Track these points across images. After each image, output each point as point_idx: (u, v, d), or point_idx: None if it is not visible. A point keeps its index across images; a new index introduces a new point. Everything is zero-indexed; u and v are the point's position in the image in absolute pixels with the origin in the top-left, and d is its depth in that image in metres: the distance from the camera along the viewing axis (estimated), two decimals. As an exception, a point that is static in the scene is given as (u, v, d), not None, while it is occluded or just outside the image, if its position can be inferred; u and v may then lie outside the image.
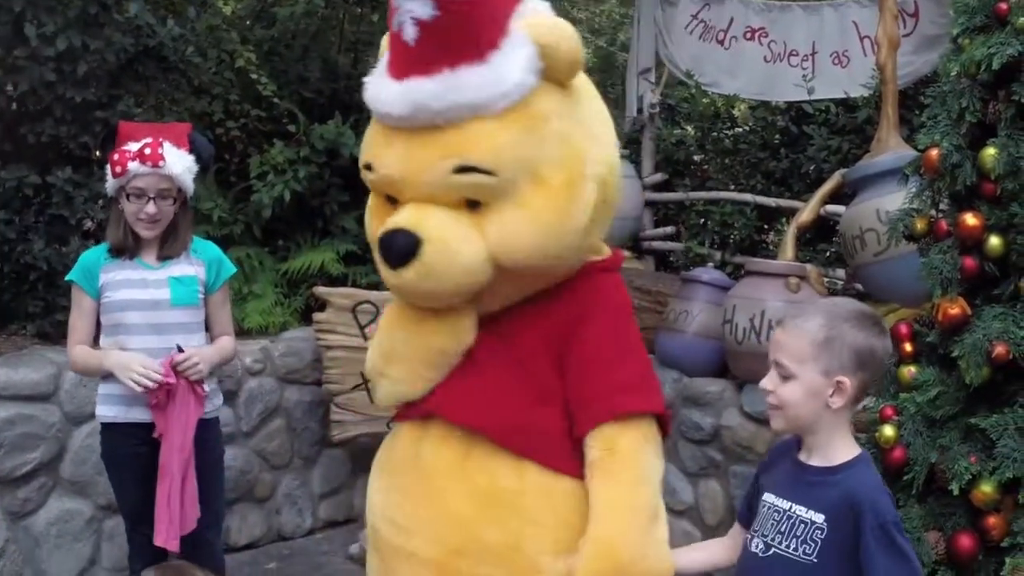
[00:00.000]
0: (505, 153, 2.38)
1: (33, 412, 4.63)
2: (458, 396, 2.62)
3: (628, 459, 2.52)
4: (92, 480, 4.72)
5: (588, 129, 2.56)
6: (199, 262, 3.87)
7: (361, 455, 6.08)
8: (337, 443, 5.88)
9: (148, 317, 3.67)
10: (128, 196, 3.71)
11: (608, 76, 12.43)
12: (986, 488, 3.09)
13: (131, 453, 3.75)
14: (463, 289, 2.50)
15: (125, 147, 3.72)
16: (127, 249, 3.78)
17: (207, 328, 3.91)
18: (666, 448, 2.79)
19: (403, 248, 2.41)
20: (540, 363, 2.60)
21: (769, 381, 2.46)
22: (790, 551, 2.39)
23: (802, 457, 2.49)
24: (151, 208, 3.69)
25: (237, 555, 5.55)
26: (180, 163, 3.75)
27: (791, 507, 2.43)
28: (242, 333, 5.88)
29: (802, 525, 2.38)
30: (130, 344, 3.68)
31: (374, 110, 2.53)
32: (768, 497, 2.51)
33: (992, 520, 3.11)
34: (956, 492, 3.15)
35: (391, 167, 2.50)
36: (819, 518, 2.36)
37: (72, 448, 4.78)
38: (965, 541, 3.18)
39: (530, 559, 2.55)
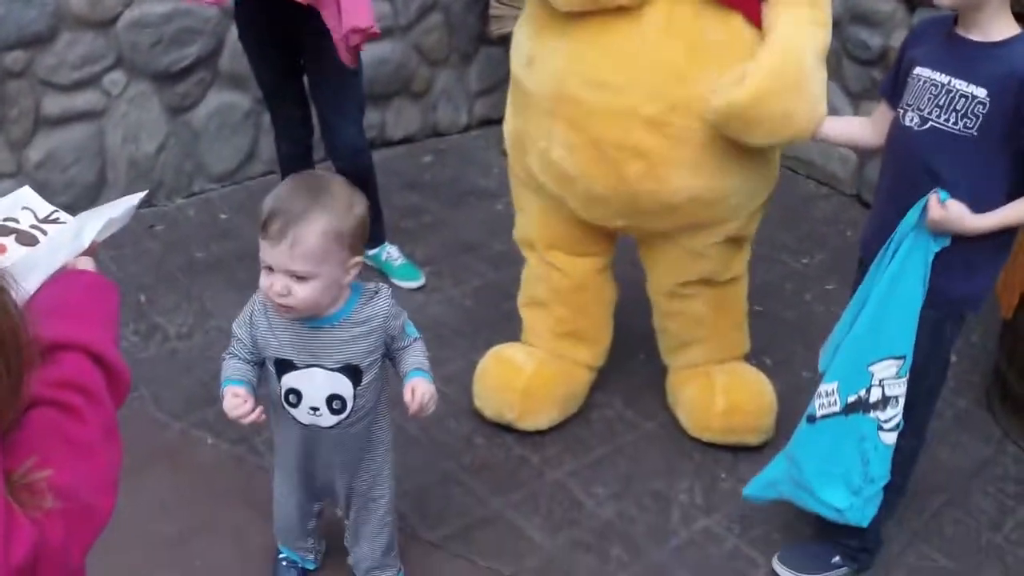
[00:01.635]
0: None
1: (189, 7, 4.60)
2: None
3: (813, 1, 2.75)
4: (250, 74, 4.77)
5: None
6: None
7: (518, 53, 6.01)
8: (496, 39, 5.79)
9: None
10: None
11: None
12: None
13: (261, 22, 3.79)
14: None
15: None
16: None
17: None
18: (830, 66, 2.81)
19: None
20: None
21: None
22: (949, 124, 2.39)
23: (959, 32, 2.44)
24: None
25: (394, 149, 5.66)
26: None
27: (950, 81, 2.39)
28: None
29: (962, 99, 2.36)
30: None
31: None
32: (923, 71, 2.48)
33: None
34: None
35: None
36: (981, 92, 2.34)
37: (229, 42, 4.78)
38: None
39: None
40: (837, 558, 2.92)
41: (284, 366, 2.31)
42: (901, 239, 2.44)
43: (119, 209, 1.55)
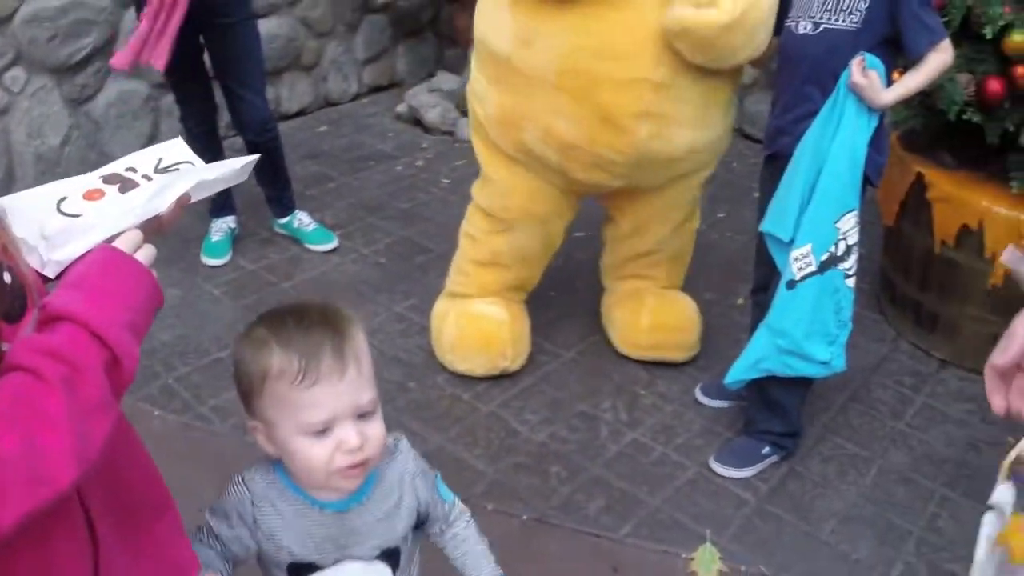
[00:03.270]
0: None
1: (83, -1, 4.67)
2: None
3: None
4: (146, 59, 4.85)
5: None
6: None
7: (402, 20, 6.21)
8: (380, 7, 5.94)
9: None
10: None
11: None
12: (1017, 38, 3.19)
13: None
14: None
15: None
16: None
17: None
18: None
19: None
20: None
21: None
22: (839, 23, 2.74)
23: None
24: None
25: (290, 122, 5.80)
26: None
27: None
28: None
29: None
30: None
31: None
32: None
33: (1021, 69, 3.23)
34: (989, 37, 3.25)
35: None
36: None
37: (124, 30, 4.83)
38: (994, 85, 3.31)
39: None
40: (767, 448, 3.18)
41: (303, 569, 1.70)
42: (835, 108, 2.73)
43: (215, 172, 1.48)
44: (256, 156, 1.61)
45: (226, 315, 3.90)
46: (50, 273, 1.29)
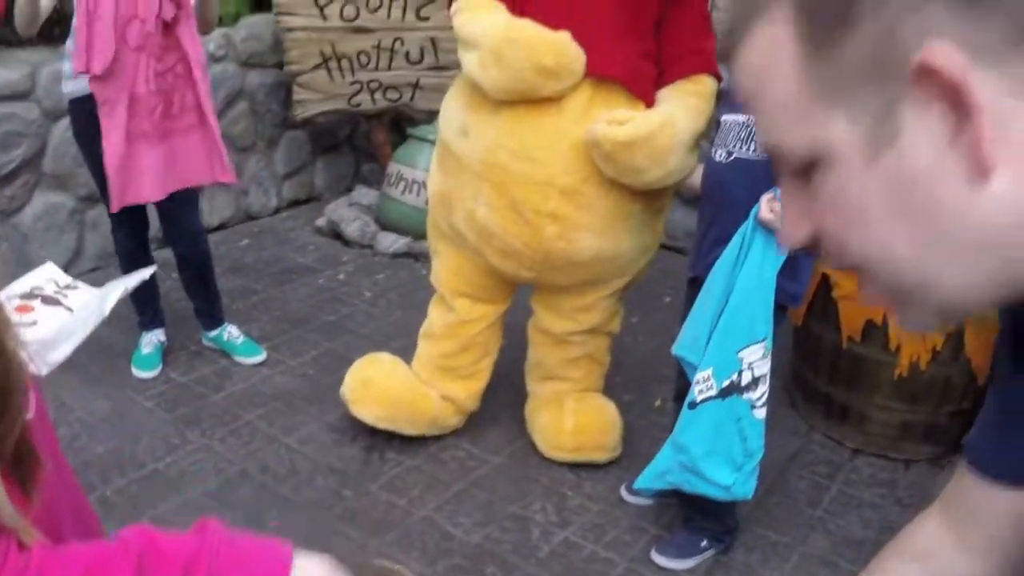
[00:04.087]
0: None
1: (13, 111, 4.73)
2: (596, 51, 3.13)
3: (705, 97, 3.22)
4: (73, 172, 4.89)
5: None
6: None
7: (320, 136, 6.37)
8: (300, 123, 6.07)
9: None
10: None
11: None
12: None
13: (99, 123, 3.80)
14: None
15: None
16: None
17: None
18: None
19: None
20: (646, 24, 3.22)
21: None
22: (749, 153, 2.88)
23: None
24: None
25: (211, 236, 5.80)
26: None
27: (749, 118, 2.86)
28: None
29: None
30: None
31: None
32: (728, 116, 3.00)
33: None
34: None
35: None
36: None
37: (52, 143, 4.93)
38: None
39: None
40: (705, 542, 3.32)
41: None
42: (744, 239, 2.84)
43: (133, 280, 1.78)
44: (153, 267, 1.99)
45: (160, 427, 3.94)
46: (44, 371, 1.46)
